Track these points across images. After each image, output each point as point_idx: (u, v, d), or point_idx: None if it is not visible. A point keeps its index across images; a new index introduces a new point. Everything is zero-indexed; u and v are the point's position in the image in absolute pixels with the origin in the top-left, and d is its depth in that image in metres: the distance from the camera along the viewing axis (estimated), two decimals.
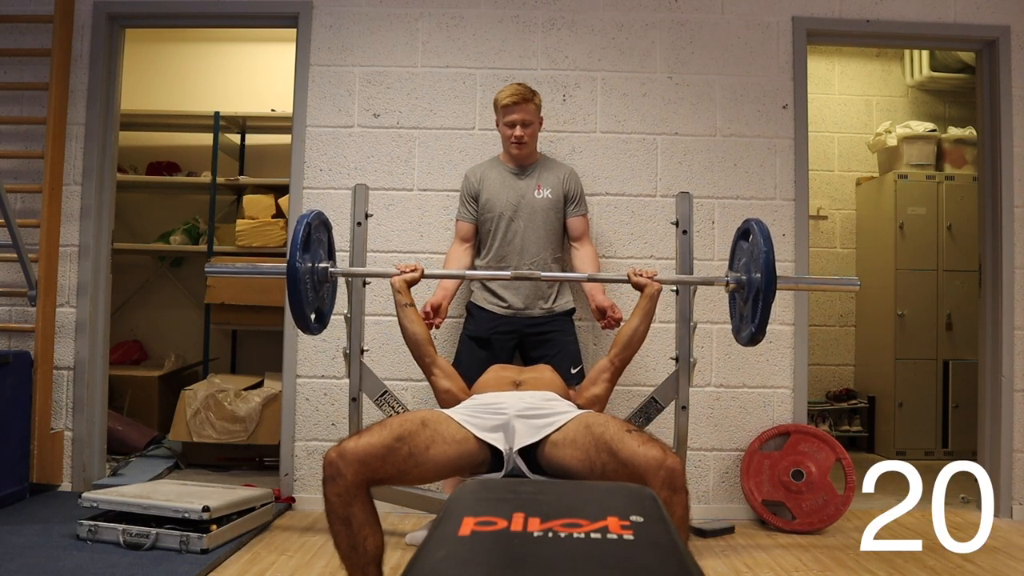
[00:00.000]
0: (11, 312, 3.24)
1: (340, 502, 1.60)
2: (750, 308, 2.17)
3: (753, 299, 2.14)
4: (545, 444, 1.80)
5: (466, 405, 1.97)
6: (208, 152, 4.40)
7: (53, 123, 3.15)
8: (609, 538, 0.79)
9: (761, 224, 2.14)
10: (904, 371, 4.36)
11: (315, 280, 2.22)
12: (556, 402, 1.97)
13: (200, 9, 3.34)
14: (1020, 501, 3.18)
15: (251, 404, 3.61)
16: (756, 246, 2.11)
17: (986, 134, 3.35)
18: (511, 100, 2.74)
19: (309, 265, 2.17)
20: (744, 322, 2.24)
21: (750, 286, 2.16)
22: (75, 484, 3.19)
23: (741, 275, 2.23)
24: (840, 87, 4.88)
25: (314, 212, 2.21)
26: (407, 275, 2.26)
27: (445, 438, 1.75)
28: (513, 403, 1.92)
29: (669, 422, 2.70)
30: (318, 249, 2.25)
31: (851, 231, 4.87)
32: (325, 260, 2.29)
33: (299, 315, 2.15)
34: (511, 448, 1.79)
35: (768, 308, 2.06)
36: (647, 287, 2.26)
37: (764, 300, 2.05)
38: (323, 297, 2.32)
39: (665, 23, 3.25)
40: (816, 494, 2.96)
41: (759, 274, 2.08)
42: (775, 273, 2.05)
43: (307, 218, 2.15)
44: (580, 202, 2.91)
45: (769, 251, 2.05)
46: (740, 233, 2.29)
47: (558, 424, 1.82)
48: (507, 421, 1.84)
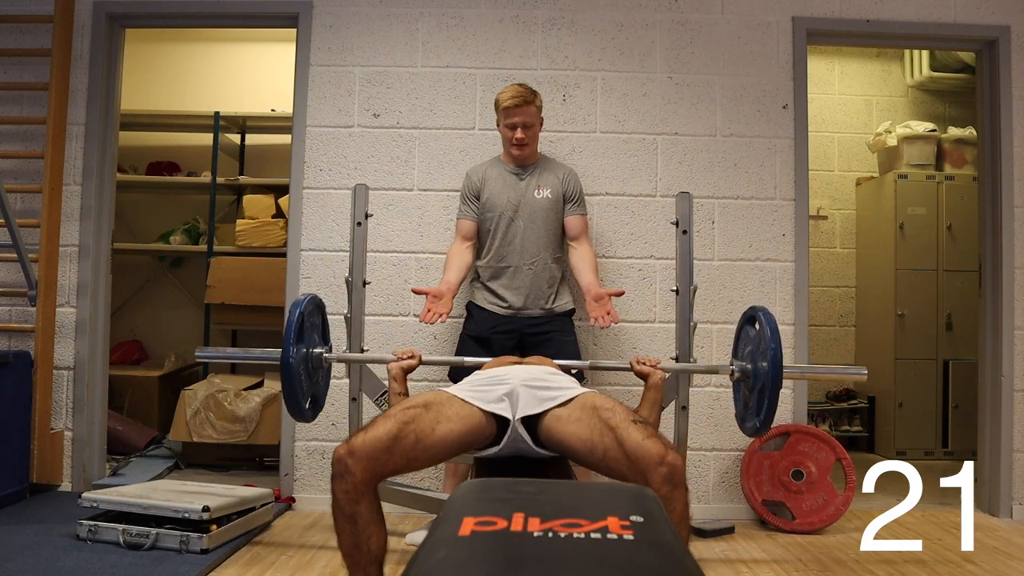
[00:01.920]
0: (11, 312, 3.24)
1: (348, 499, 1.60)
2: (755, 400, 2.15)
3: (759, 392, 2.11)
4: (547, 417, 1.79)
5: (469, 381, 1.97)
6: (208, 152, 4.40)
7: (53, 123, 3.15)
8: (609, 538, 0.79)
9: (768, 315, 2.12)
10: (904, 371, 4.36)
11: (309, 368, 2.20)
12: (560, 376, 1.97)
13: (200, 9, 3.34)
14: (1020, 501, 3.18)
15: (251, 404, 3.61)
16: (763, 338, 2.08)
17: (986, 134, 3.35)
18: (512, 102, 2.74)
19: (303, 352, 2.15)
20: (749, 413, 2.21)
21: (756, 377, 2.13)
22: (75, 484, 3.19)
23: (747, 364, 2.20)
24: (840, 87, 4.88)
25: (308, 298, 2.19)
26: (404, 362, 2.18)
27: (450, 416, 1.75)
28: (517, 373, 1.92)
29: (669, 422, 2.70)
30: (312, 335, 2.23)
31: (851, 231, 4.87)
32: (320, 345, 2.27)
33: (293, 404, 2.13)
34: (515, 416, 1.79)
35: (775, 402, 2.05)
36: (651, 376, 2.15)
37: (771, 395, 2.04)
38: (317, 383, 2.30)
39: (665, 23, 3.25)
40: (816, 494, 2.96)
41: (765, 364, 2.05)
42: (782, 370, 2.03)
43: (300, 306, 2.13)
44: (579, 202, 2.91)
45: (777, 348, 2.03)
46: (745, 319, 2.27)
47: (563, 398, 1.82)
48: (512, 389, 1.84)
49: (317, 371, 2.27)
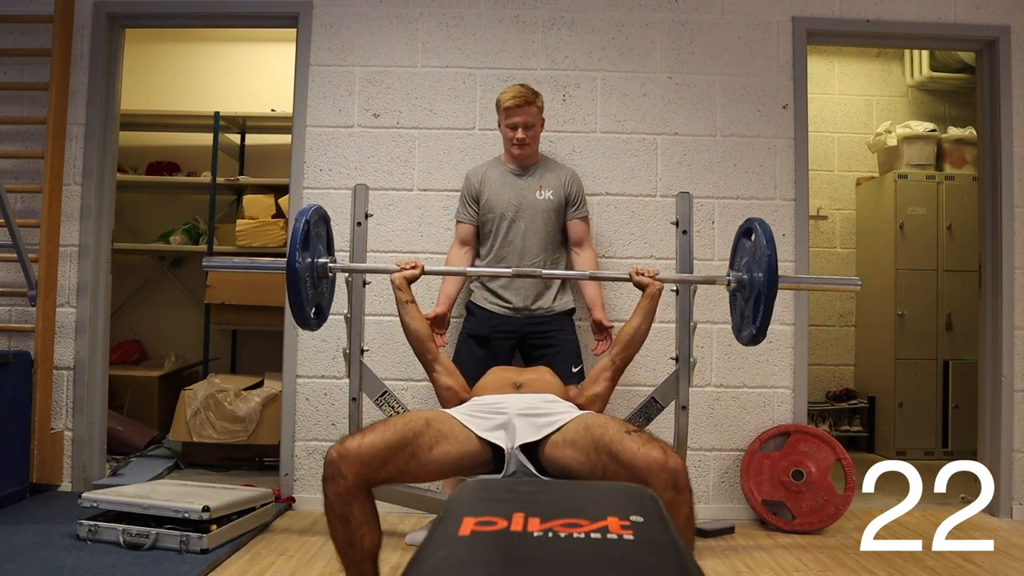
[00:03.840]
0: (11, 312, 3.24)
1: (339, 501, 1.60)
2: (751, 308, 2.17)
3: (755, 300, 2.14)
4: (546, 444, 1.80)
5: (468, 405, 1.98)
6: (208, 152, 4.40)
7: (53, 123, 3.15)
8: (609, 538, 0.79)
9: (764, 225, 2.14)
10: (904, 371, 4.35)
11: (314, 276, 2.22)
12: (556, 403, 1.98)
13: (200, 9, 3.34)
14: (1020, 501, 3.18)
15: (251, 404, 3.61)
16: (759, 247, 2.11)
17: (986, 134, 3.35)
18: (513, 102, 2.74)
19: (308, 261, 2.17)
20: (745, 322, 2.24)
21: (752, 286, 2.17)
22: (75, 484, 3.19)
23: (743, 274, 2.23)
24: (840, 87, 4.88)
25: (313, 207, 2.21)
26: (407, 272, 2.25)
27: (448, 438, 1.75)
28: (514, 403, 1.92)
29: (669, 422, 2.70)
30: (317, 244, 2.25)
31: (851, 231, 4.87)
32: (324, 255, 2.29)
33: (298, 311, 2.15)
34: (512, 446, 1.79)
35: (770, 309, 2.08)
36: (649, 286, 2.27)
37: (766, 301, 2.07)
38: (322, 292, 2.32)
39: (665, 23, 3.25)
40: (816, 494, 2.96)
41: (761, 274, 2.08)
42: (777, 274, 2.06)
43: (306, 215, 2.15)
44: (581, 205, 2.91)
45: (772, 253, 2.05)
46: (742, 231, 2.29)
47: (558, 424, 1.82)
48: (508, 420, 1.84)
49: (322, 280, 2.28)
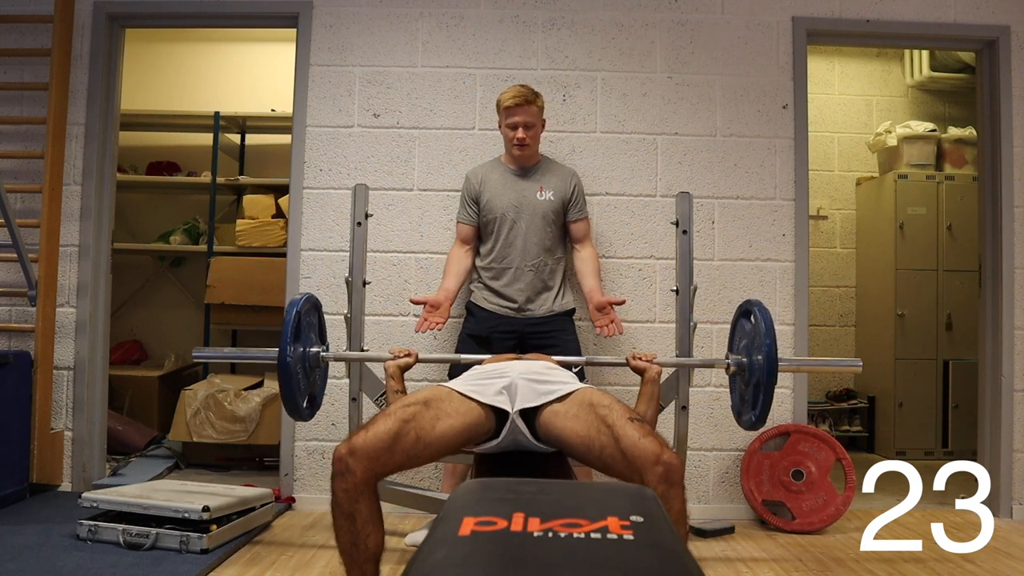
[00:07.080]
0: (11, 312, 3.24)
1: (347, 498, 1.60)
2: (751, 393, 2.16)
3: (755, 386, 2.12)
4: (545, 411, 1.80)
5: (468, 375, 1.98)
6: (208, 152, 4.40)
7: (53, 123, 3.15)
8: (609, 538, 0.79)
9: (763, 310, 2.12)
10: (904, 371, 4.36)
11: (306, 366, 2.21)
12: (559, 371, 1.98)
13: (200, 9, 3.34)
14: (1020, 501, 3.18)
15: (251, 404, 3.61)
16: (759, 333, 2.09)
17: (986, 134, 3.35)
18: (513, 102, 2.74)
19: (300, 351, 2.16)
20: (745, 406, 2.22)
21: (751, 371, 2.14)
22: (75, 484, 3.19)
23: (742, 358, 2.20)
24: (840, 87, 4.88)
25: (304, 297, 2.20)
26: (401, 360, 2.18)
27: (450, 412, 1.75)
28: (516, 367, 1.93)
29: (669, 422, 2.70)
30: (309, 334, 2.24)
31: (851, 231, 4.87)
32: (316, 344, 2.28)
33: (291, 403, 2.14)
34: (513, 409, 1.80)
35: (770, 398, 2.06)
36: (647, 371, 2.17)
37: (766, 389, 2.05)
38: (314, 381, 2.30)
39: (665, 23, 3.25)
40: (816, 494, 2.96)
41: (760, 357, 2.06)
42: (777, 364, 2.04)
43: (297, 305, 2.14)
44: (583, 205, 2.91)
45: (772, 343, 2.04)
46: (741, 312, 2.27)
47: (561, 393, 1.82)
48: (511, 382, 1.85)
49: (314, 370, 2.27)
